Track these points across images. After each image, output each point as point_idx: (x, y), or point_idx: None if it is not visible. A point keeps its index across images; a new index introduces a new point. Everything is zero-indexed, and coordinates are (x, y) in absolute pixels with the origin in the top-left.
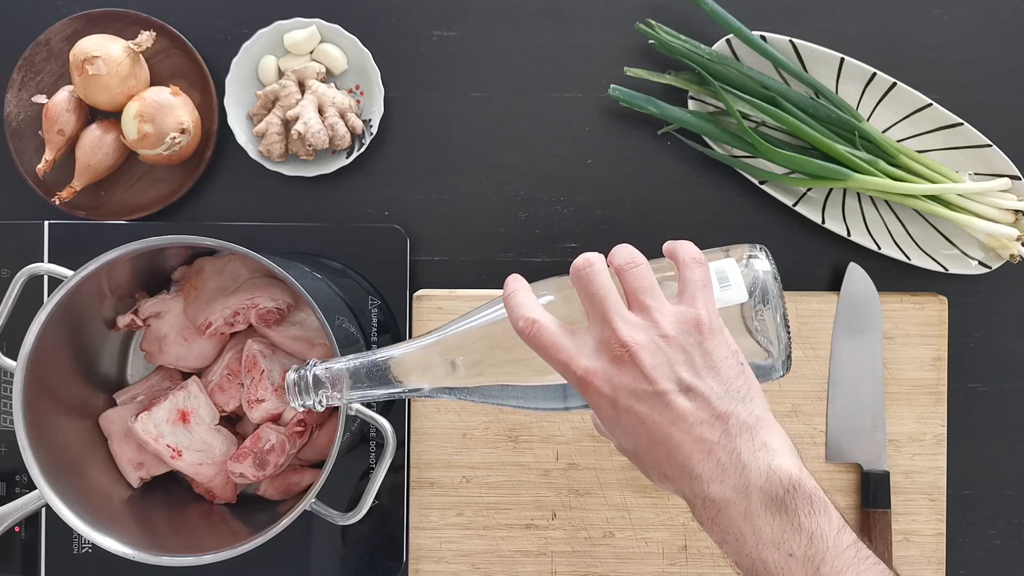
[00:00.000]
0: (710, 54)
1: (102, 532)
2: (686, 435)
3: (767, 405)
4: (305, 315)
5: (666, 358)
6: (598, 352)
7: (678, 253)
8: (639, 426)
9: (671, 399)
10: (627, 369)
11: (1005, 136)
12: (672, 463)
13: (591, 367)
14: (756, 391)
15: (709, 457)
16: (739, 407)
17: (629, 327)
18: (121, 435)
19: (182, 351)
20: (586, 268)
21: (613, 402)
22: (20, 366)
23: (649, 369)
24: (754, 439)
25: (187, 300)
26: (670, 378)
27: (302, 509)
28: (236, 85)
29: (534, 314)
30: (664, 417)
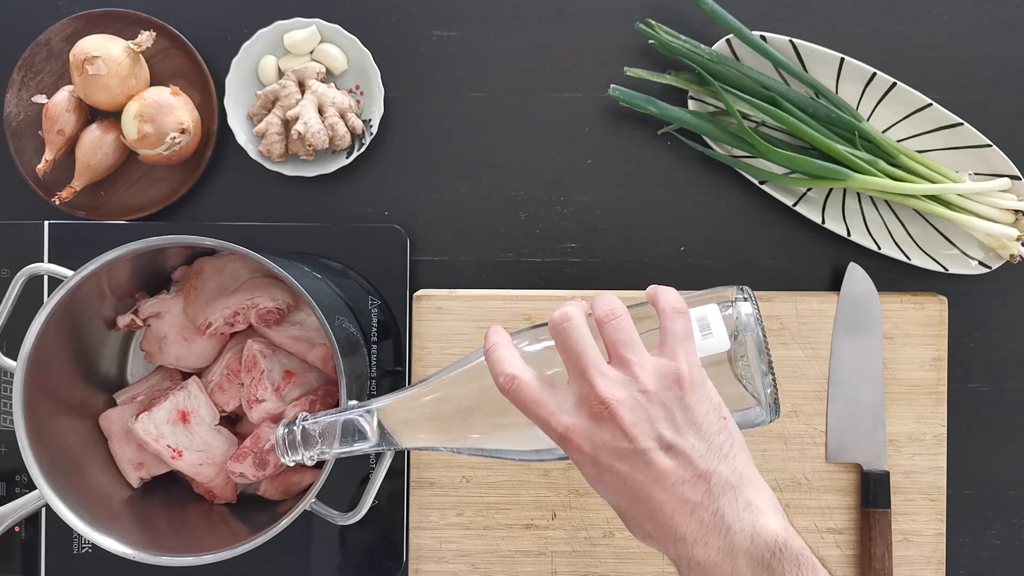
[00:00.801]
0: (710, 54)
1: (102, 532)
2: (668, 495)
3: (751, 459)
4: (305, 315)
5: (646, 415)
6: (578, 408)
7: (659, 302)
8: (621, 485)
9: (652, 457)
10: (607, 427)
11: (1005, 136)
12: (655, 523)
13: (571, 424)
14: (739, 446)
15: (692, 518)
16: (721, 465)
17: (608, 383)
18: (121, 435)
19: (182, 351)
20: (564, 323)
21: (594, 460)
22: (20, 366)
23: (629, 426)
24: (738, 499)
25: (187, 300)
26: (651, 436)
27: (302, 509)
28: (236, 85)
29: (514, 370)
30: (645, 476)
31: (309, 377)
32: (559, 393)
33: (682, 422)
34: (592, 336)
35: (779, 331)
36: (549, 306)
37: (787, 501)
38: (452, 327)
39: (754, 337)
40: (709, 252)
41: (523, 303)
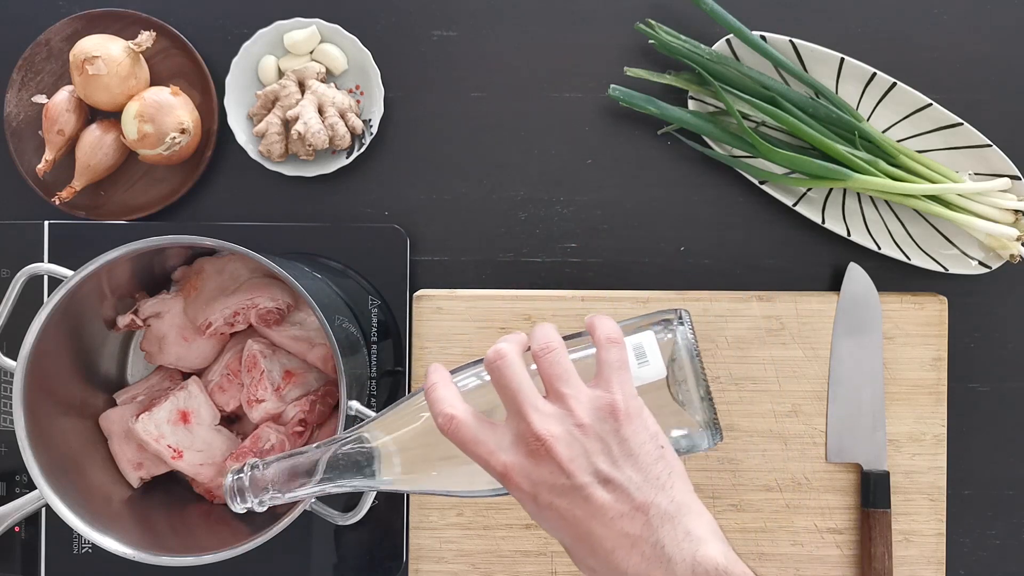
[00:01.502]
0: (710, 54)
1: (102, 532)
2: (607, 530)
3: (690, 486)
4: (305, 315)
5: (583, 449)
6: (516, 446)
7: (595, 332)
8: (561, 521)
9: (590, 492)
10: (544, 463)
11: (1005, 136)
12: (597, 558)
13: (509, 462)
14: (677, 474)
15: (633, 551)
16: (659, 496)
17: (543, 419)
18: (121, 435)
19: (182, 351)
20: (497, 360)
21: (534, 498)
22: (20, 366)
23: (566, 462)
24: (676, 529)
25: (187, 300)
26: (588, 470)
27: (302, 509)
28: (236, 85)
29: (452, 409)
30: (584, 511)
31: (309, 377)
32: (498, 431)
33: (619, 454)
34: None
35: (779, 331)
36: (549, 306)
37: (787, 501)
38: (452, 327)
39: (691, 362)
40: (709, 252)
41: (523, 303)
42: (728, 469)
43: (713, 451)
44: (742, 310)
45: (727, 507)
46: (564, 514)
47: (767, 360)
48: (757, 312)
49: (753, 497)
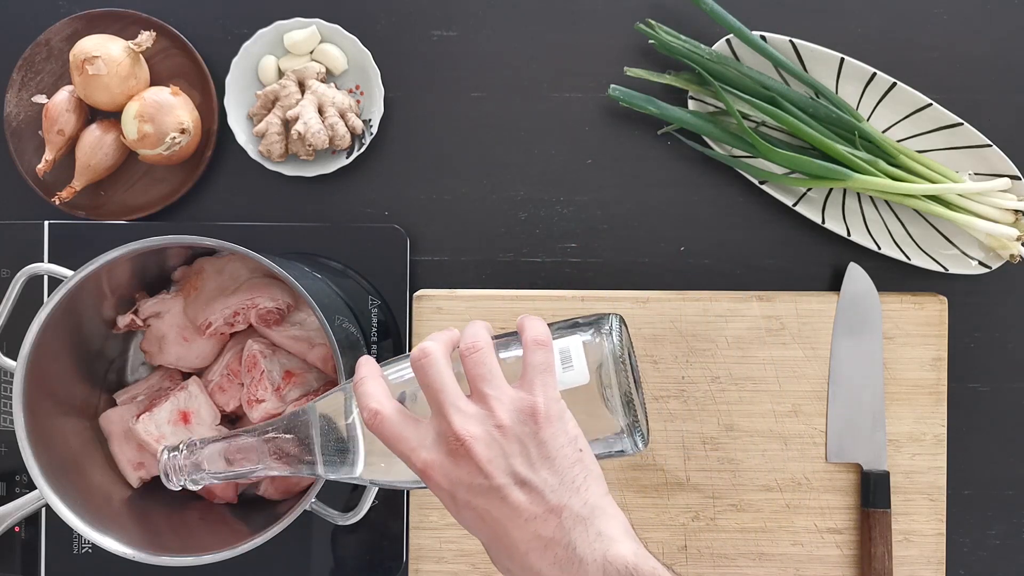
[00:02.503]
0: (710, 54)
1: (102, 532)
2: (521, 532)
3: (606, 489)
4: (305, 315)
5: (501, 451)
6: (437, 444)
7: (524, 334)
8: (478, 521)
9: (506, 494)
10: (463, 463)
11: (1005, 136)
12: (513, 560)
13: (429, 460)
14: (594, 477)
15: (546, 554)
16: (573, 499)
17: (464, 419)
18: (121, 435)
19: (182, 351)
20: (421, 359)
21: (452, 496)
22: (20, 366)
23: (484, 463)
24: (588, 530)
25: (187, 300)
26: (505, 471)
27: (302, 509)
28: (236, 85)
29: (377, 404)
30: (501, 512)
31: (309, 377)
32: (421, 428)
33: (536, 457)
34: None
35: (779, 331)
36: (549, 306)
37: (787, 501)
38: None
39: (615, 368)
40: (709, 252)
41: (523, 303)
42: (728, 469)
43: (713, 451)
44: (742, 310)
45: (727, 507)
46: (481, 514)
47: (767, 360)
48: (757, 312)
49: (753, 497)
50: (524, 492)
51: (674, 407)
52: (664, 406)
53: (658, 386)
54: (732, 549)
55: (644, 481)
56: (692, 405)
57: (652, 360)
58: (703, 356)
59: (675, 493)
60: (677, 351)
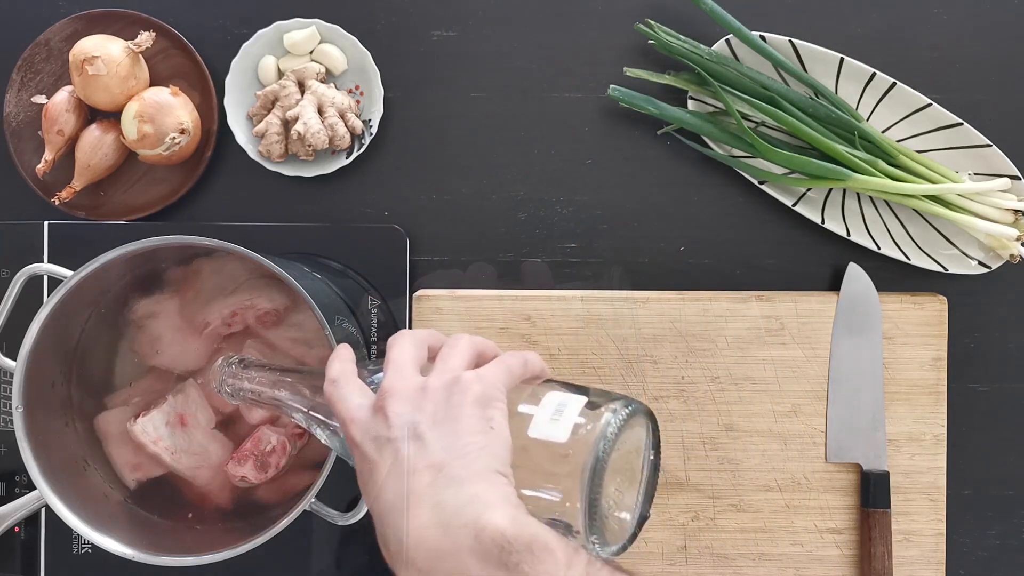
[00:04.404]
0: (710, 54)
1: (102, 532)
2: (396, 484)
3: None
4: (304, 317)
5: (414, 407)
6: (372, 404)
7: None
8: (369, 474)
9: (399, 446)
10: (378, 416)
11: (1005, 136)
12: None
13: (352, 415)
14: (489, 454)
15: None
16: (458, 460)
17: (396, 378)
18: (118, 437)
19: (177, 352)
20: (392, 339)
21: (360, 449)
22: (20, 366)
23: (392, 415)
24: (460, 493)
25: (184, 300)
26: (407, 426)
27: (302, 509)
28: (236, 85)
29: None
30: (387, 464)
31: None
32: (365, 396)
33: (441, 417)
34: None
35: (779, 331)
36: (549, 306)
37: (787, 501)
38: (452, 327)
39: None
40: (709, 252)
41: (523, 303)
42: (728, 469)
43: (712, 451)
44: (742, 310)
45: (727, 507)
46: (373, 466)
47: (767, 360)
48: (757, 312)
49: (753, 497)
50: (414, 446)
51: (674, 407)
52: (664, 406)
53: (658, 386)
54: (732, 549)
55: None
56: (692, 405)
57: (652, 360)
58: (703, 356)
59: (675, 493)
60: (677, 351)
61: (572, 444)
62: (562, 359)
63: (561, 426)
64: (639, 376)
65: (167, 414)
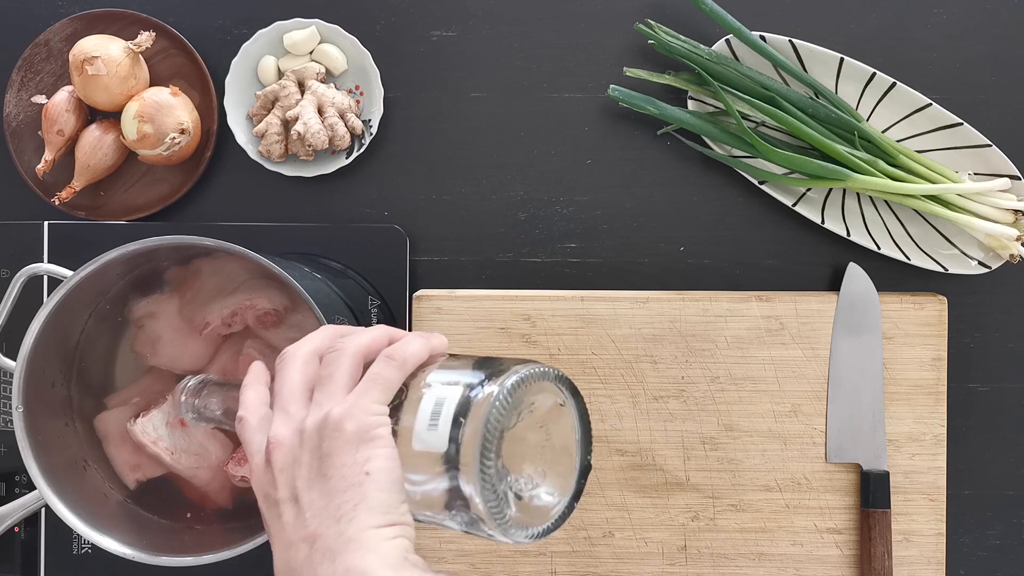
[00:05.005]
0: (710, 54)
1: (101, 532)
2: (280, 556)
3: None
4: (304, 317)
5: (293, 460)
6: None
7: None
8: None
9: (282, 510)
10: (267, 470)
11: (1005, 136)
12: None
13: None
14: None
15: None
16: (330, 528)
17: (282, 423)
18: (117, 437)
19: (176, 352)
20: (279, 360)
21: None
22: (20, 366)
23: (277, 472)
24: (335, 566)
25: (184, 300)
26: (287, 484)
27: None
28: (236, 85)
29: (244, 411)
30: (273, 529)
31: None
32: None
33: (315, 473)
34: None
35: (779, 331)
36: (549, 306)
37: (787, 501)
38: (452, 327)
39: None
40: (709, 252)
41: (523, 303)
42: (728, 469)
43: (712, 451)
44: (742, 310)
45: (727, 507)
46: (268, 528)
47: (767, 360)
48: (757, 312)
49: (753, 497)
50: (293, 511)
51: (674, 407)
52: (664, 406)
53: (658, 386)
54: (732, 549)
55: (644, 481)
56: (692, 405)
57: (652, 360)
58: (703, 356)
59: (675, 493)
60: (677, 351)
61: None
62: (562, 359)
63: (439, 432)
64: (639, 376)
65: (167, 414)
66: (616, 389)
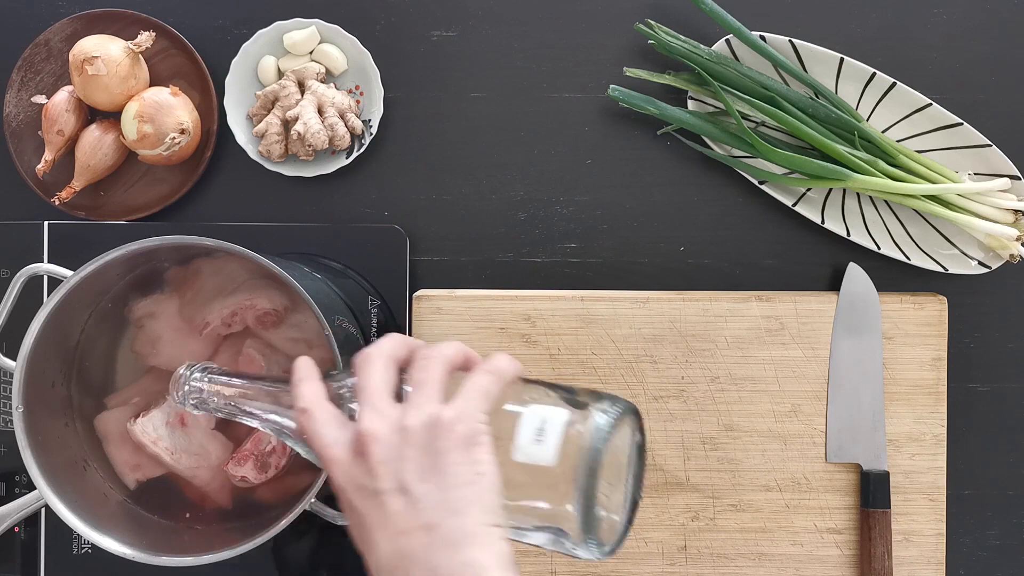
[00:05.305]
0: (710, 54)
1: (101, 532)
2: (389, 544)
3: (490, 519)
4: (303, 317)
5: (397, 454)
6: (348, 443)
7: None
8: (358, 525)
9: (385, 500)
10: (360, 462)
11: (1005, 136)
12: (380, 572)
13: (334, 455)
14: (480, 506)
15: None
16: (448, 520)
17: (374, 417)
18: (117, 437)
19: (176, 352)
20: (362, 359)
21: (343, 495)
22: (20, 366)
23: (375, 464)
24: (454, 558)
25: (184, 300)
26: (392, 476)
27: (302, 509)
28: (236, 85)
29: (307, 403)
30: (375, 518)
31: None
32: (345, 429)
33: (427, 467)
34: None
35: (779, 331)
36: (549, 306)
37: (787, 501)
38: (452, 327)
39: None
40: (709, 252)
41: (523, 303)
42: (728, 469)
43: (712, 451)
44: (742, 310)
45: (727, 507)
46: (362, 518)
47: (767, 360)
48: (757, 312)
49: (753, 497)
50: (402, 501)
51: (674, 407)
52: (664, 406)
53: (658, 386)
54: (732, 549)
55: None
56: (692, 405)
57: (652, 360)
58: (703, 356)
59: (675, 493)
60: (677, 351)
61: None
62: (562, 359)
63: (547, 447)
64: (639, 376)
65: (167, 414)
66: (616, 389)
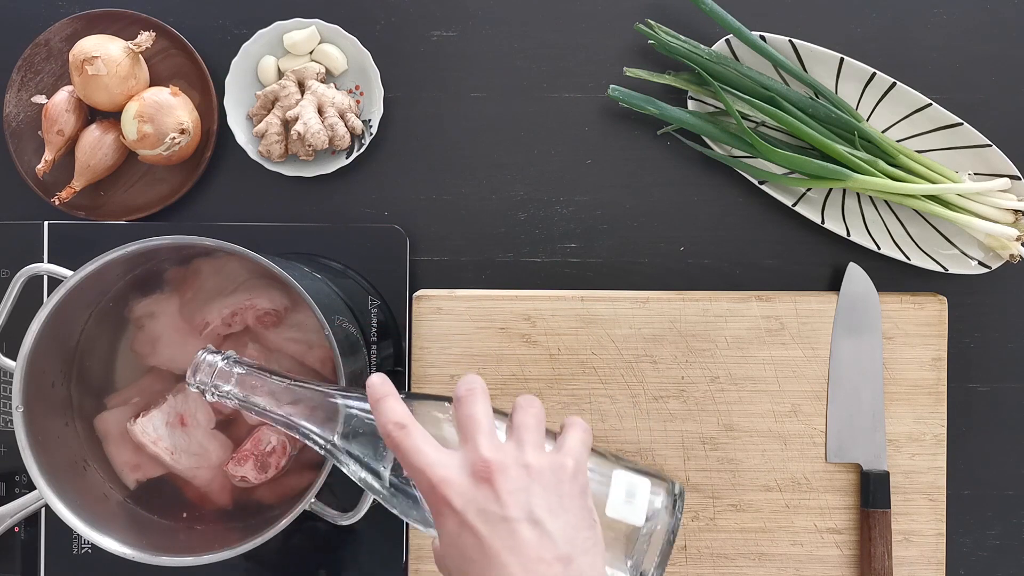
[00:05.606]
0: (710, 54)
1: (101, 532)
2: (522, 567)
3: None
4: (304, 317)
5: (525, 486)
6: (461, 467)
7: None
8: (476, 548)
9: (516, 527)
10: (484, 487)
11: (1005, 136)
12: None
13: (448, 476)
14: (599, 551)
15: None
16: (581, 557)
17: (495, 448)
18: (117, 437)
19: (176, 352)
20: (466, 391)
21: (460, 517)
22: (20, 366)
23: (505, 493)
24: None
25: (184, 300)
26: (523, 507)
27: (302, 509)
28: (236, 85)
29: (401, 419)
30: (504, 543)
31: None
32: (446, 452)
33: (556, 506)
34: None
35: (779, 331)
36: (549, 306)
37: (787, 501)
38: (452, 327)
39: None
40: (709, 252)
41: (523, 303)
42: (728, 469)
43: (712, 451)
44: (742, 310)
45: (727, 507)
46: (484, 541)
47: (767, 360)
48: (757, 312)
49: (753, 497)
50: (535, 532)
51: (674, 407)
52: (664, 406)
53: (658, 386)
54: (732, 549)
55: None
56: (692, 405)
57: (652, 360)
58: (703, 356)
59: None
60: (677, 351)
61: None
62: (562, 359)
63: (637, 509)
64: (639, 376)
65: (167, 414)
66: (616, 389)
